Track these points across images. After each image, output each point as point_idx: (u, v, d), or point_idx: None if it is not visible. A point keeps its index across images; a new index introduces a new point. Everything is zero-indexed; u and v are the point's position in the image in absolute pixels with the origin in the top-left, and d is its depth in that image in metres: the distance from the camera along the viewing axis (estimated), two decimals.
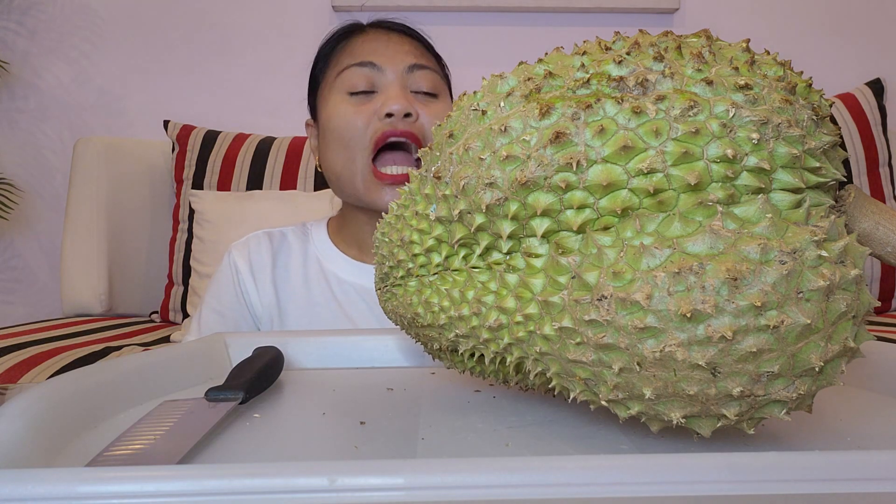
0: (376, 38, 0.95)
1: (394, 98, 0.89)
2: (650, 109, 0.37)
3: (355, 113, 0.90)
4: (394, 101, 0.88)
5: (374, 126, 0.89)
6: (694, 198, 0.36)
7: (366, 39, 0.95)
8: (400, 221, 0.47)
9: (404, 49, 0.93)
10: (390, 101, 0.89)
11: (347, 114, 0.90)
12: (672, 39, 0.41)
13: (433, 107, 0.93)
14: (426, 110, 0.91)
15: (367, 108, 0.90)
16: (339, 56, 0.95)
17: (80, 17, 1.96)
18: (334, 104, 0.93)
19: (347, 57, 0.93)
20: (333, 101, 0.93)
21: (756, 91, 0.37)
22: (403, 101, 0.88)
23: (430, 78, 0.93)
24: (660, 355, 0.35)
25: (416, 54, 0.94)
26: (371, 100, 0.91)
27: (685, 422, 0.37)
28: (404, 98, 0.89)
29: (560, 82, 0.40)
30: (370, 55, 0.92)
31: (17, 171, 1.97)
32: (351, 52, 0.94)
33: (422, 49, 0.96)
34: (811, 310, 0.34)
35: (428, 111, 0.91)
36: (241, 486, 0.30)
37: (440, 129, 0.45)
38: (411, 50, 0.94)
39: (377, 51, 0.92)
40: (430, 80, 0.93)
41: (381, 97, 0.90)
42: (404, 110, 0.88)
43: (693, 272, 0.34)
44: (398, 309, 0.48)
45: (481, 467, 0.31)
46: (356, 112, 0.90)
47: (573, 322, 0.37)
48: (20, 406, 0.41)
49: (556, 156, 0.38)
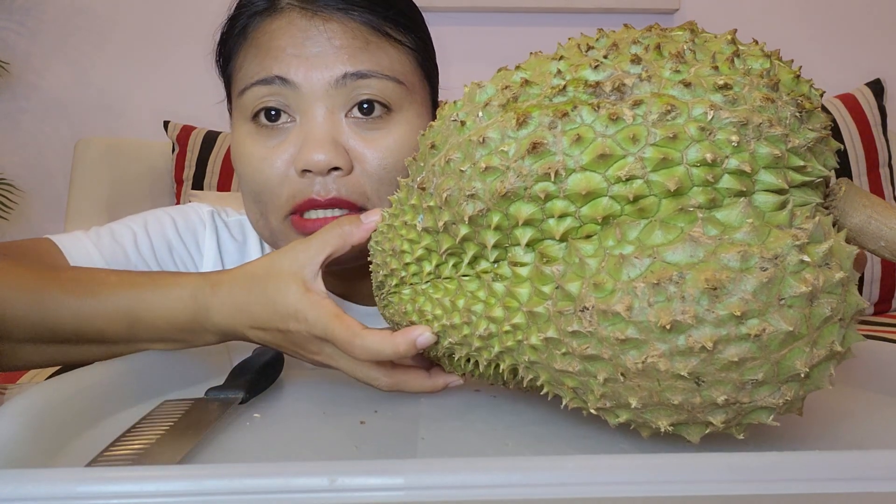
0: (293, 27, 0.63)
1: (313, 144, 0.60)
2: (627, 115, 0.37)
3: (263, 158, 0.63)
4: (313, 148, 0.60)
5: (292, 185, 0.62)
6: (675, 203, 0.36)
7: (278, 31, 0.63)
8: (391, 231, 0.47)
9: (334, 45, 0.62)
10: (308, 150, 0.60)
11: (254, 159, 0.63)
12: (656, 34, 0.41)
13: (384, 135, 0.63)
14: (371, 147, 0.62)
15: (279, 151, 0.62)
16: (246, 56, 0.65)
17: (81, 18, 1.96)
18: (238, 138, 0.66)
19: (253, 64, 0.64)
20: (238, 131, 0.66)
21: (736, 90, 0.37)
22: (328, 149, 0.60)
23: (379, 87, 0.62)
24: (642, 366, 0.35)
25: (353, 50, 0.62)
26: (287, 134, 0.63)
27: (673, 429, 0.37)
28: (330, 143, 0.61)
29: (537, 90, 0.40)
30: (280, 63, 0.62)
31: (18, 171, 1.96)
32: (257, 54, 0.64)
33: (364, 31, 0.63)
34: (793, 316, 0.34)
35: (375, 147, 0.62)
36: (241, 486, 0.30)
37: (423, 140, 0.45)
38: (347, 44, 0.62)
39: (294, 53, 0.62)
40: (378, 89, 0.62)
41: (298, 132, 0.62)
42: (329, 164, 0.60)
43: (673, 282, 0.34)
44: (395, 316, 0.48)
45: (481, 467, 0.31)
46: (265, 157, 0.63)
47: (558, 333, 0.37)
48: (20, 406, 0.41)
49: (535, 166, 0.37)
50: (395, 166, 0.63)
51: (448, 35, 2.01)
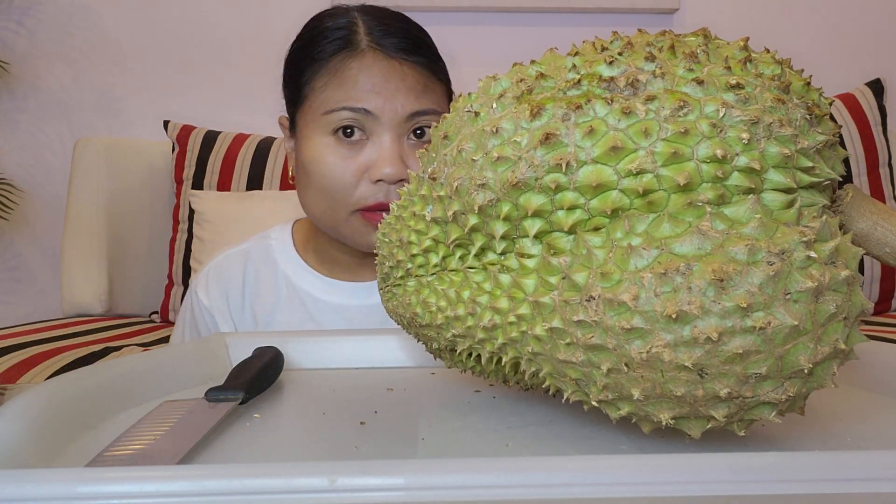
0: (374, 68, 0.79)
1: (387, 160, 0.77)
2: (640, 110, 0.37)
3: (343, 166, 0.79)
4: (387, 163, 0.77)
5: (364, 189, 0.79)
6: (684, 198, 0.36)
7: (362, 68, 0.79)
8: (399, 222, 0.47)
9: (406, 85, 0.79)
10: (382, 164, 0.77)
11: (335, 166, 0.79)
12: (668, 38, 0.41)
13: None
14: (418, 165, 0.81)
15: (356, 161, 0.79)
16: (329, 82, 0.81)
17: (80, 18, 1.96)
18: (318, 146, 0.81)
19: (338, 92, 0.79)
20: (317, 141, 0.81)
21: (748, 90, 0.37)
22: (397, 165, 0.77)
23: (431, 120, 0.80)
24: (647, 356, 0.35)
25: (418, 91, 0.80)
26: (361, 149, 0.79)
27: (674, 423, 0.37)
28: (399, 160, 0.78)
29: (551, 83, 0.41)
30: (366, 98, 0.78)
31: (17, 171, 1.96)
32: (342, 84, 0.79)
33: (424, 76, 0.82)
34: (799, 311, 0.34)
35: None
36: (241, 486, 0.30)
37: (436, 131, 0.45)
38: (414, 86, 0.80)
39: (374, 90, 0.78)
40: (430, 121, 0.80)
41: (372, 149, 0.79)
42: (397, 176, 0.77)
43: (680, 273, 0.34)
44: (398, 308, 0.48)
45: (481, 467, 0.31)
46: (344, 165, 0.79)
47: (563, 323, 0.37)
48: (20, 406, 0.41)
49: (547, 157, 0.38)
50: None
51: (448, 35, 2.02)
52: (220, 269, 0.92)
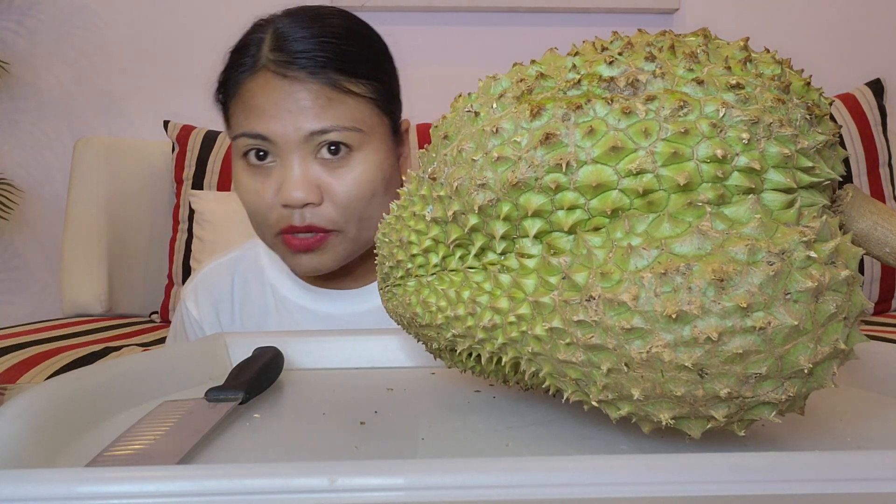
0: (267, 89, 0.75)
1: (291, 185, 0.74)
2: (640, 110, 0.37)
3: (256, 192, 0.78)
4: (291, 188, 0.74)
5: (277, 213, 0.77)
6: (684, 198, 0.36)
7: (256, 90, 0.76)
8: (399, 222, 0.47)
9: (300, 106, 0.74)
10: (289, 189, 0.74)
11: (249, 191, 0.78)
12: (668, 38, 0.41)
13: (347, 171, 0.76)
14: (338, 181, 0.76)
15: (267, 186, 0.77)
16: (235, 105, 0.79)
17: (80, 18, 1.96)
18: (236, 170, 0.80)
19: (240, 117, 0.78)
20: (236, 164, 0.80)
21: (748, 90, 0.37)
22: (303, 190, 0.74)
23: (341, 135, 0.75)
24: (646, 356, 0.35)
25: (317, 109, 0.75)
26: (271, 172, 0.77)
27: (674, 423, 0.37)
28: (304, 184, 0.74)
29: (551, 83, 0.41)
30: (261, 123, 0.75)
31: (17, 171, 1.97)
32: (244, 108, 0.77)
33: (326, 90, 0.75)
34: (799, 311, 0.34)
35: (340, 181, 0.76)
36: (241, 486, 0.30)
37: (436, 130, 0.45)
38: (310, 105, 0.75)
39: (269, 113, 0.75)
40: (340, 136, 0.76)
41: (279, 172, 0.76)
42: (303, 201, 0.74)
43: (680, 273, 0.34)
44: (398, 308, 0.48)
45: (481, 467, 0.31)
46: (257, 190, 0.77)
47: (563, 323, 0.37)
48: (20, 406, 0.41)
49: (547, 157, 0.38)
50: (359, 196, 0.77)
51: (448, 35, 2.02)
52: (209, 280, 0.92)
